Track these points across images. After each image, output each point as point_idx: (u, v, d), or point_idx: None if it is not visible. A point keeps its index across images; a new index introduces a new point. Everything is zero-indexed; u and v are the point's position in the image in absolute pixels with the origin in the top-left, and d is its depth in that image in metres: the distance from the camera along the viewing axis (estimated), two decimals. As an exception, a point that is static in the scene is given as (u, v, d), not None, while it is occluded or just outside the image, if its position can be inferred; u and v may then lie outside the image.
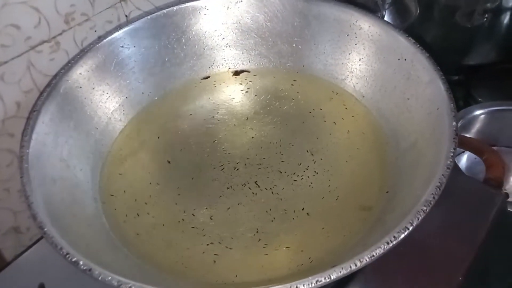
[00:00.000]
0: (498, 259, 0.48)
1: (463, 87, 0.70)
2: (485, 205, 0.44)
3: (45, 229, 0.31)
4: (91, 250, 0.32)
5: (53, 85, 0.42)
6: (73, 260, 0.29)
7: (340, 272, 0.28)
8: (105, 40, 0.48)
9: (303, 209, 0.41)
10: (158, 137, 0.49)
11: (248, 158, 0.46)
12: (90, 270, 0.28)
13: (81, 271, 0.29)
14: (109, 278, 0.28)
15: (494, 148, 0.58)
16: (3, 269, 0.46)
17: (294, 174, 0.44)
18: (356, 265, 0.28)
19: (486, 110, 0.63)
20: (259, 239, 0.39)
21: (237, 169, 0.45)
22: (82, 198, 0.41)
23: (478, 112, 0.63)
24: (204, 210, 0.42)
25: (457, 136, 0.37)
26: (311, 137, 0.48)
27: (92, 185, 0.43)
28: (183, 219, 0.41)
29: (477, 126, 0.64)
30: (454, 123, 0.37)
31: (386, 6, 0.63)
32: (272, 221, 0.40)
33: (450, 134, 0.37)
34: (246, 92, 0.53)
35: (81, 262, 0.29)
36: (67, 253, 0.29)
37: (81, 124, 0.45)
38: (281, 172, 0.44)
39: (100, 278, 0.28)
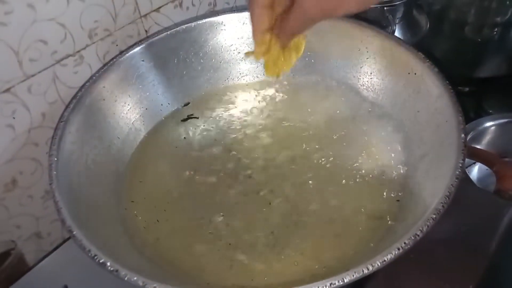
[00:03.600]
0: (509, 268, 0.48)
1: (474, 99, 0.70)
2: (496, 215, 0.45)
3: (74, 233, 0.32)
4: (114, 253, 0.33)
5: (79, 97, 0.44)
6: (101, 261, 0.30)
7: (353, 275, 0.29)
8: (127, 55, 0.50)
9: (317, 217, 0.42)
10: (176, 147, 0.50)
11: (263, 167, 0.47)
12: (117, 271, 0.30)
13: (108, 272, 0.30)
14: (135, 278, 0.29)
15: (505, 159, 0.58)
16: (26, 273, 0.48)
17: (307, 183, 0.45)
18: (368, 269, 0.29)
19: (497, 122, 0.63)
20: (274, 245, 0.40)
21: (253, 178, 0.46)
22: (106, 204, 0.42)
23: (488, 124, 0.62)
24: (221, 217, 0.43)
25: (465, 148, 0.37)
26: (324, 147, 0.48)
27: (114, 191, 0.44)
28: (200, 226, 0.42)
29: (487, 137, 0.64)
30: (463, 135, 0.38)
31: (397, 21, 0.64)
32: (286, 228, 0.41)
33: (458, 146, 0.38)
34: (261, 103, 0.54)
35: (108, 263, 0.30)
36: (95, 255, 0.31)
37: (104, 134, 0.46)
38: (295, 180, 0.45)
39: (126, 279, 0.29)
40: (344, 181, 0.45)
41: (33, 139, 0.47)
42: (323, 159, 0.47)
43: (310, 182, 0.45)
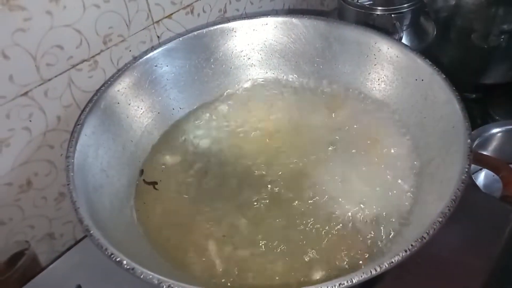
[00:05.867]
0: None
1: (481, 105, 0.71)
2: (502, 221, 0.45)
3: (91, 232, 0.33)
4: (129, 252, 0.34)
5: (94, 101, 0.45)
6: (117, 260, 0.31)
7: (361, 276, 0.29)
8: (140, 60, 0.51)
9: (326, 219, 0.43)
10: (187, 150, 0.51)
11: (274, 172, 0.47)
12: (133, 269, 0.30)
13: (124, 270, 0.31)
14: (150, 276, 0.30)
15: (511, 165, 0.58)
16: (39, 273, 0.49)
17: (318, 187, 0.45)
18: (376, 270, 0.30)
19: (503, 128, 0.63)
20: (284, 249, 0.41)
21: (263, 181, 0.47)
22: (119, 205, 0.43)
23: (495, 130, 0.63)
24: (231, 220, 0.43)
25: (471, 153, 0.38)
26: (331, 151, 0.49)
27: (127, 193, 0.45)
28: (210, 228, 0.43)
29: (494, 144, 0.64)
30: (469, 140, 0.39)
31: (404, 28, 0.65)
32: (296, 231, 0.42)
33: (465, 151, 0.38)
34: (271, 108, 0.55)
35: (124, 262, 0.31)
36: (112, 254, 0.31)
37: (118, 137, 0.47)
38: (306, 185, 0.46)
39: (142, 277, 0.30)
40: (352, 186, 0.46)
41: (48, 142, 0.48)
42: (331, 164, 0.48)
43: (320, 186, 0.46)
